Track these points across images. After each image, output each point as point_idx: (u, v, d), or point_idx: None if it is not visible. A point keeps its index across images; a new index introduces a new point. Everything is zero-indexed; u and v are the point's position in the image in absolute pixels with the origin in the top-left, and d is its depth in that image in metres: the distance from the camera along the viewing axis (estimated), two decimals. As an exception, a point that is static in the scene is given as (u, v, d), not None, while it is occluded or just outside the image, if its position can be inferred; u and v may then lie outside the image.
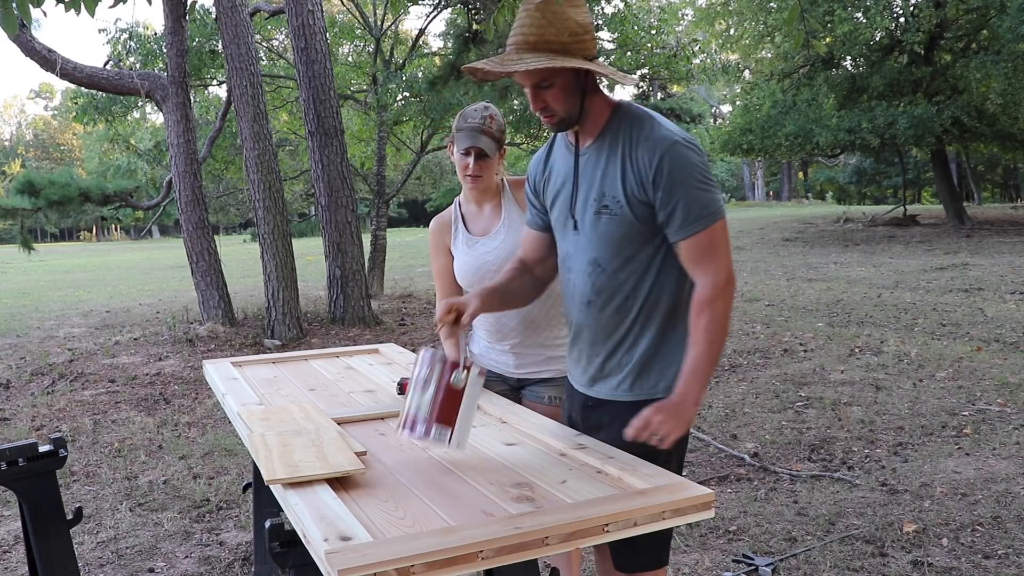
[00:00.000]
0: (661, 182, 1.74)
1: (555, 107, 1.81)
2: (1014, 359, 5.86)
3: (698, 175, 1.74)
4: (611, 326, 1.89)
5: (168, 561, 3.23)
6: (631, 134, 1.80)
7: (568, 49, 1.75)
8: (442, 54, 14.17)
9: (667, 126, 1.79)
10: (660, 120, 1.81)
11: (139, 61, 11.21)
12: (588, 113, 1.84)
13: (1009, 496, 3.45)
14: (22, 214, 9.92)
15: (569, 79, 1.79)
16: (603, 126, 1.85)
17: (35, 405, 5.85)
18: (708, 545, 3.13)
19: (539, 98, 1.82)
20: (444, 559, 1.29)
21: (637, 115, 1.83)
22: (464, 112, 2.34)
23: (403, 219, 46.08)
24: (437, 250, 2.51)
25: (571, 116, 1.83)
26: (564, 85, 1.79)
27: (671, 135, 1.76)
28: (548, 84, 1.79)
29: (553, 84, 1.79)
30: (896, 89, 17.99)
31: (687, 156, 1.74)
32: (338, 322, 8.64)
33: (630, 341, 1.88)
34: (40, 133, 72.29)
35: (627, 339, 1.89)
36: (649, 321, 1.86)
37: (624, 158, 1.80)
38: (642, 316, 1.86)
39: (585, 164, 1.88)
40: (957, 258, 13.03)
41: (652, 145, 1.75)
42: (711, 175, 1.78)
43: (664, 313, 1.86)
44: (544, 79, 1.79)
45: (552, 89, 1.80)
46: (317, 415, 2.04)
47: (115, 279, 18.49)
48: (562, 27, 1.75)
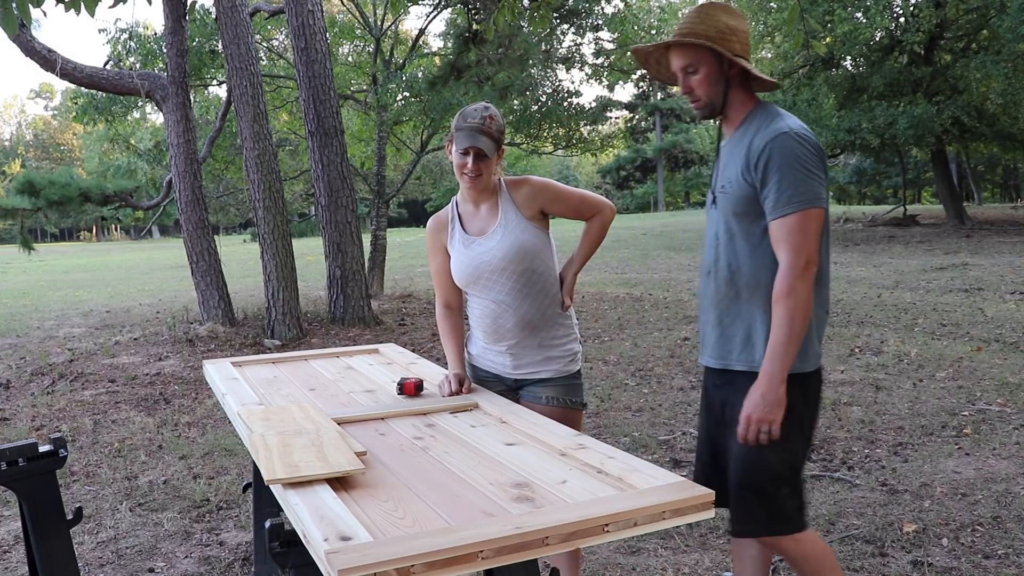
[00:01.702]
0: (762, 165, 1.94)
1: (699, 92, 2.04)
2: (1014, 359, 5.86)
3: (797, 164, 1.91)
4: (720, 296, 2.08)
5: (168, 561, 3.23)
6: (757, 126, 2.01)
7: (713, 41, 1.99)
8: (442, 54, 14.17)
9: (789, 122, 1.97)
10: (786, 117, 1.99)
11: (139, 61, 11.21)
12: (732, 104, 2.07)
13: (1009, 496, 3.45)
14: (22, 214, 9.92)
15: (713, 68, 2.02)
16: (742, 120, 2.07)
17: (35, 405, 5.85)
18: (708, 545, 3.13)
19: (685, 83, 2.06)
20: (444, 559, 1.29)
21: (769, 112, 2.03)
22: (464, 112, 2.34)
23: (403, 219, 46.09)
24: (434, 250, 2.52)
25: (714, 103, 2.05)
26: (708, 73, 2.02)
27: (784, 127, 1.95)
28: (693, 70, 2.04)
29: (698, 70, 2.03)
30: (896, 89, 17.99)
31: (791, 145, 1.92)
32: (338, 322, 8.64)
33: (740, 314, 2.05)
34: (40, 133, 72.29)
35: (736, 312, 2.05)
36: (761, 299, 2.00)
37: (746, 147, 2.00)
38: (751, 293, 2.02)
39: (724, 151, 2.12)
40: (957, 258, 13.03)
41: (766, 134, 1.96)
42: (816, 167, 1.93)
43: (767, 289, 1.99)
44: (690, 64, 2.03)
45: (697, 75, 2.03)
46: (317, 415, 2.04)
47: (115, 279, 18.49)
48: (710, 24, 2.00)
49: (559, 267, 2.47)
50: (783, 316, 1.90)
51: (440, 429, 2.05)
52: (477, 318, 2.46)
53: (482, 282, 2.38)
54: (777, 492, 2.02)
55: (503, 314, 2.37)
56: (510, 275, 2.34)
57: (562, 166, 53.79)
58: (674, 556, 3.04)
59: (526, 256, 2.34)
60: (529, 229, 2.36)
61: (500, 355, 2.43)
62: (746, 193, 1.98)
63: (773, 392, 1.91)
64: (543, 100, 13.26)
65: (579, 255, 2.46)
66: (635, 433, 4.58)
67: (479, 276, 2.37)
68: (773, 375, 1.91)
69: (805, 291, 1.90)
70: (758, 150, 1.95)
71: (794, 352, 1.92)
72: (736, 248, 2.04)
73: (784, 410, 1.93)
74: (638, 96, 51.13)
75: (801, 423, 2.03)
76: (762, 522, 2.04)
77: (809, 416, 2.07)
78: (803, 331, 1.91)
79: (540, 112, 12.79)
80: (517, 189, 2.38)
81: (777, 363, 1.91)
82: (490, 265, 2.35)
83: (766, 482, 2.02)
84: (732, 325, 2.06)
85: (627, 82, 42.62)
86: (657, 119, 50.59)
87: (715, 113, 2.08)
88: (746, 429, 1.94)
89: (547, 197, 2.38)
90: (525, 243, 2.34)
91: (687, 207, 51.37)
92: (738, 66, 2.02)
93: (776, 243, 1.94)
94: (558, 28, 13.68)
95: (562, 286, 2.43)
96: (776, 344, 1.91)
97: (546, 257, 2.39)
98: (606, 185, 53.67)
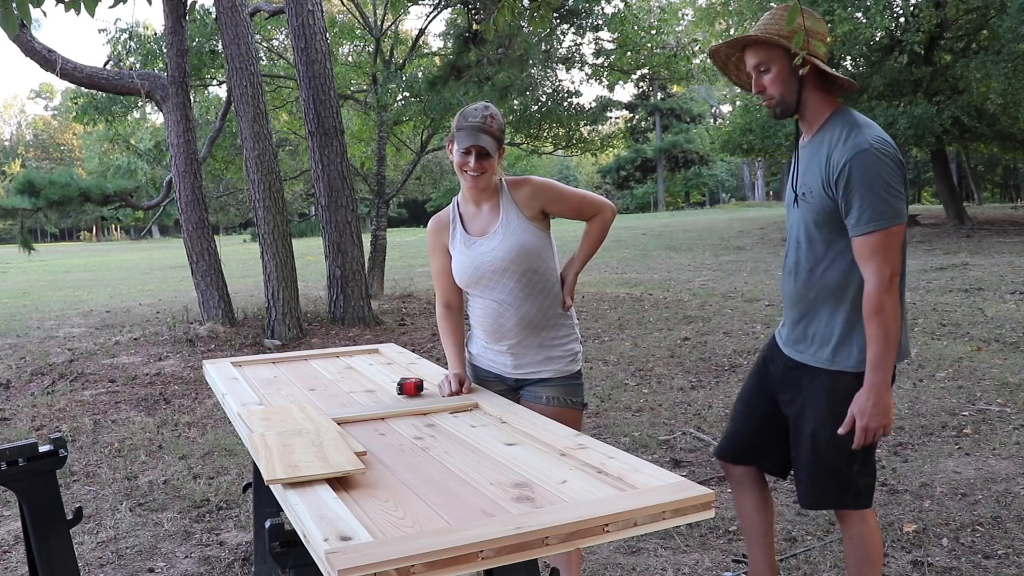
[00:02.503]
0: (843, 183, 1.98)
1: (772, 91, 2.09)
2: (1014, 359, 5.86)
3: (879, 182, 1.94)
4: (800, 297, 2.17)
5: (168, 561, 3.23)
6: (838, 136, 2.03)
7: (786, 39, 2.01)
8: (442, 54, 14.17)
9: (868, 135, 1.99)
10: (867, 127, 2.01)
11: (139, 61, 11.20)
12: (807, 105, 2.10)
13: (1009, 496, 3.45)
14: (22, 214, 9.92)
15: (785, 67, 2.05)
16: (822, 124, 2.09)
17: (35, 405, 5.85)
18: (708, 545, 3.13)
19: (758, 81, 2.11)
20: (444, 559, 1.29)
21: (849, 121, 2.04)
22: (464, 111, 2.34)
23: (403, 219, 46.10)
24: (435, 250, 2.51)
25: (787, 103, 2.09)
26: (780, 72, 2.06)
27: (865, 142, 1.97)
28: (766, 68, 2.08)
29: (770, 69, 2.07)
30: (896, 89, 17.97)
31: (872, 163, 1.95)
32: (338, 322, 8.64)
33: (819, 315, 2.13)
34: (40, 133, 72.28)
35: (816, 312, 2.14)
36: (839, 302, 2.09)
37: (825, 158, 2.03)
38: (830, 295, 2.10)
39: (803, 153, 2.15)
40: (957, 258, 13.03)
41: (846, 150, 1.98)
42: (897, 183, 1.97)
43: (854, 295, 2.07)
44: (761, 62, 2.08)
45: (769, 74, 2.08)
46: (317, 415, 2.04)
47: (115, 279, 18.49)
48: (785, 24, 2.02)
49: (560, 267, 2.47)
50: (878, 332, 1.98)
51: (440, 429, 2.05)
52: (478, 318, 2.46)
53: (484, 282, 2.38)
54: (850, 469, 2.14)
55: (504, 314, 2.37)
56: (512, 275, 2.34)
57: (562, 166, 53.79)
58: (674, 556, 3.04)
59: (528, 256, 2.34)
60: (531, 229, 2.36)
61: (501, 355, 2.43)
62: (827, 206, 2.04)
63: (882, 401, 2.02)
64: (543, 100, 13.26)
65: (580, 255, 2.46)
66: (635, 433, 4.58)
67: (481, 276, 2.37)
68: (879, 385, 2.01)
69: (893, 305, 1.99)
70: (838, 167, 1.98)
71: (892, 361, 2.02)
72: (816, 254, 2.11)
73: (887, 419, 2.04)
74: (638, 96, 51.12)
75: None
76: (833, 496, 2.18)
77: None
78: (897, 340, 2.01)
79: (540, 112, 12.79)
80: (518, 189, 2.38)
81: (880, 374, 2.01)
82: (492, 265, 2.35)
83: (841, 460, 2.14)
84: (811, 324, 2.16)
85: (627, 82, 42.56)
86: (657, 119, 50.59)
87: (788, 112, 2.11)
88: (862, 436, 2.04)
89: (548, 197, 2.38)
90: (527, 243, 2.34)
91: (687, 207, 51.38)
92: (812, 65, 2.03)
93: (861, 260, 2.00)
94: (558, 28, 13.67)
95: (563, 286, 2.43)
96: (875, 358, 2.00)
97: (547, 257, 2.39)
98: (606, 185, 53.66)
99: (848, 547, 2.24)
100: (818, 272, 2.12)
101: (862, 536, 2.19)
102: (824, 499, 2.21)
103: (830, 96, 2.11)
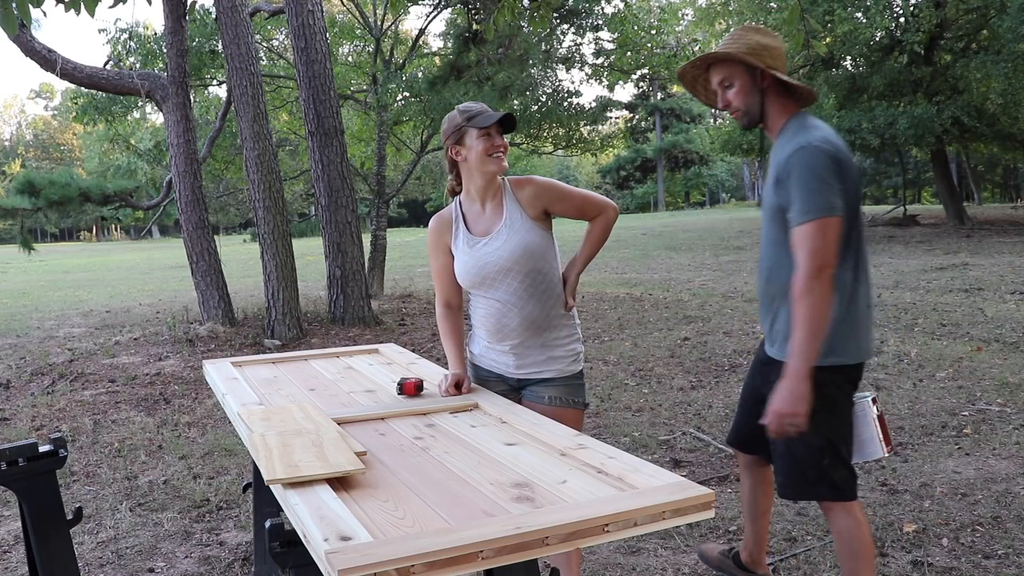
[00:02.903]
0: (784, 178, 2.10)
1: (736, 104, 2.23)
2: (1014, 359, 5.85)
3: (812, 176, 2.04)
4: (765, 296, 2.29)
5: (168, 561, 3.23)
6: (788, 139, 2.16)
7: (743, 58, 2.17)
8: (442, 54, 14.18)
9: (813, 135, 2.10)
10: (814, 129, 2.13)
11: (139, 61, 11.21)
12: (770, 114, 2.24)
13: (1009, 496, 3.45)
14: (22, 214, 9.92)
15: (746, 80, 2.21)
16: (780, 130, 2.23)
17: (35, 405, 5.85)
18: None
19: (724, 96, 2.25)
20: (444, 559, 1.29)
21: (802, 124, 2.18)
22: (462, 107, 2.34)
23: (403, 219, 46.10)
24: (436, 249, 2.50)
25: (752, 113, 2.24)
26: (742, 86, 2.22)
27: (806, 141, 2.08)
28: (729, 84, 2.24)
29: (733, 84, 2.23)
30: (896, 89, 17.97)
31: (807, 158, 2.06)
32: (338, 322, 8.64)
33: (780, 313, 2.22)
34: (40, 133, 72.29)
35: (778, 310, 2.24)
36: (788, 297, 2.15)
37: (775, 160, 2.17)
38: (787, 294, 2.15)
39: (771, 159, 2.26)
40: (957, 258, 13.03)
41: (788, 148, 2.11)
42: (831, 178, 2.05)
43: None
44: (725, 78, 2.24)
45: (732, 88, 2.23)
46: (317, 415, 2.04)
47: (115, 279, 18.49)
48: (743, 43, 2.20)
49: (562, 267, 2.46)
50: (801, 316, 2.04)
51: (440, 429, 2.05)
52: (481, 318, 2.45)
53: (487, 282, 2.37)
54: (821, 462, 2.19)
55: (507, 314, 2.36)
56: (516, 275, 2.34)
57: (562, 166, 53.81)
58: (674, 556, 3.04)
59: (532, 256, 2.33)
60: (534, 229, 2.35)
61: (503, 355, 2.43)
62: (776, 204, 2.16)
63: (797, 387, 2.04)
64: (543, 100, 13.25)
65: (582, 255, 2.46)
66: (635, 433, 4.58)
67: (485, 277, 2.37)
68: (796, 371, 2.04)
69: (821, 292, 2.02)
70: (782, 165, 2.11)
71: (815, 349, 2.03)
72: (773, 254, 2.23)
73: (809, 405, 2.04)
74: (638, 96, 51.13)
75: (834, 405, 2.18)
76: (807, 487, 2.23)
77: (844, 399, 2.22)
78: (821, 329, 2.04)
79: (540, 112, 12.78)
80: (521, 189, 2.38)
81: (799, 360, 2.04)
82: (496, 265, 2.34)
83: (811, 452, 2.19)
84: (776, 322, 2.26)
85: (627, 82, 42.55)
86: (657, 119, 50.59)
87: (754, 122, 2.25)
88: (773, 422, 2.08)
89: (551, 197, 2.38)
90: (531, 243, 2.33)
91: (687, 207, 51.37)
92: (771, 77, 2.19)
93: (795, 249, 2.08)
94: (558, 28, 13.68)
95: (565, 286, 2.43)
96: (796, 343, 2.04)
97: (551, 257, 2.39)
98: (606, 185, 53.66)
99: (836, 542, 2.28)
100: (776, 271, 2.22)
101: (848, 530, 2.23)
102: (798, 490, 2.27)
103: (791, 104, 2.24)
